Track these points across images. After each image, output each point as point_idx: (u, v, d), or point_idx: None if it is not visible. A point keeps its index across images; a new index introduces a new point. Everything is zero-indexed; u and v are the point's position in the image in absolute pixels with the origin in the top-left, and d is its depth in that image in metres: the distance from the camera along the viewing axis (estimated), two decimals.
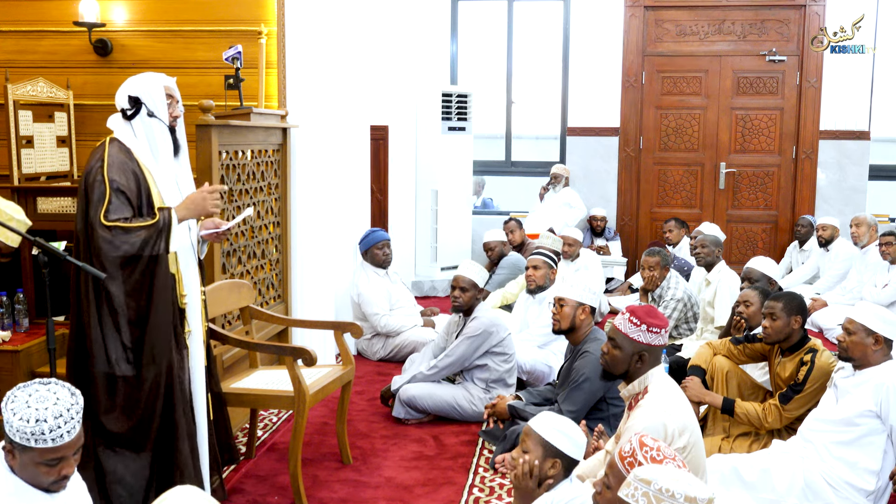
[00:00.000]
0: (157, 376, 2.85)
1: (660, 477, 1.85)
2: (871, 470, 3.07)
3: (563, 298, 3.75)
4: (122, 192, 2.78)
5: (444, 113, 7.45)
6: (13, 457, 1.97)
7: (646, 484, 1.85)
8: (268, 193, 4.71)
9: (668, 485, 1.82)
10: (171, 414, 2.90)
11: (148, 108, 2.88)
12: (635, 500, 1.85)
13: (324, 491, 3.50)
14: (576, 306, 3.73)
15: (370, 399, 4.66)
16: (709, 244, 5.31)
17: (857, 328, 3.13)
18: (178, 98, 2.99)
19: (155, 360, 2.84)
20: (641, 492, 1.85)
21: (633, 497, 1.86)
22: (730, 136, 8.00)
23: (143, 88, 2.89)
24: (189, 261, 2.96)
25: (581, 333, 3.75)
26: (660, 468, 1.89)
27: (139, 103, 2.88)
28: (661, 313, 2.83)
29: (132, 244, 2.76)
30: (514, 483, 2.45)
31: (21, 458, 1.96)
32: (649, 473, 1.87)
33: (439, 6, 8.17)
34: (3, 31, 5.40)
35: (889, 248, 5.79)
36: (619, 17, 7.89)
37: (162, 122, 2.90)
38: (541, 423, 2.46)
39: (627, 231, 8.13)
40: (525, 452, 2.44)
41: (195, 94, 4.78)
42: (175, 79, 3.03)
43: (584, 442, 2.49)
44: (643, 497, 1.84)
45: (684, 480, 1.84)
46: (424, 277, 7.48)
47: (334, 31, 5.03)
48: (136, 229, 2.76)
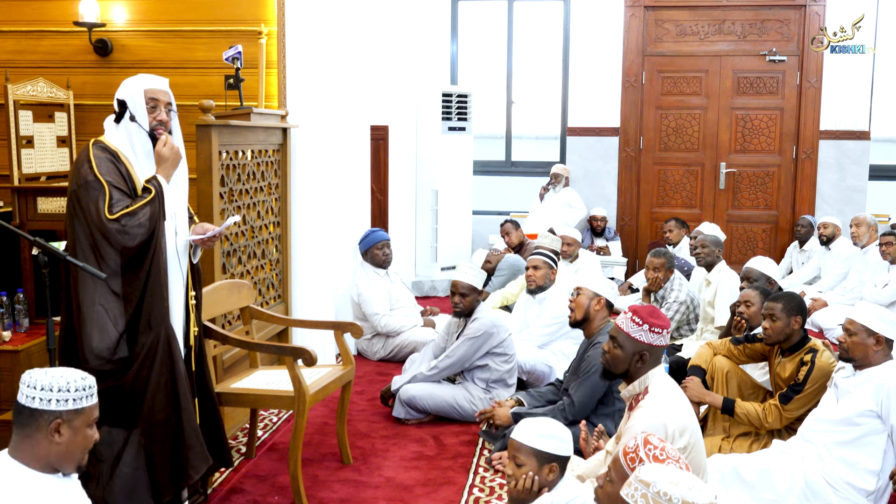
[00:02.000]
0: (154, 344, 2.83)
1: (659, 479, 1.84)
2: (871, 470, 3.07)
3: (581, 287, 3.85)
4: (117, 188, 2.80)
5: (444, 113, 7.45)
6: (60, 434, 2.01)
7: (645, 486, 1.84)
8: (268, 193, 4.71)
9: (667, 489, 1.82)
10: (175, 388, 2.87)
11: (130, 112, 2.87)
12: (634, 501, 1.85)
13: (324, 491, 3.50)
14: (591, 297, 3.80)
15: (370, 399, 4.66)
16: (709, 244, 5.31)
17: (858, 328, 3.12)
18: (166, 101, 2.92)
19: (151, 328, 2.83)
20: (640, 493, 1.85)
21: (632, 497, 1.86)
22: (730, 136, 8.00)
23: (126, 92, 2.89)
24: (172, 265, 2.93)
25: (595, 325, 3.80)
26: (662, 470, 1.88)
27: (125, 106, 2.88)
28: (664, 314, 2.83)
29: (142, 224, 2.77)
30: (514, 496, 2.44)
31: (71, 430, 2.02)
32: (650, 475, 1.86)
33: (439, 6, 8.17)
34: (3, 31, 5.40)
35: (889, 247, 5.80)
36: (619, 17, 7.90)
37: (141, 126, 2.88)
38: (525, 433, 2.44)
39: (627, 231, 8.13)
40: (520, 466, 2.42)
41: (195, 94, 4.78)
42: (167, 80, 2.98)
43: (570, 435, 2.48)
44: (642, 498, 1.84)
45: (684, 484, 1.83)
46: (424, 277, 7.48)
47: (334, 31, 5.03)
48: (140, 209, 2.78)
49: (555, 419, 2.61)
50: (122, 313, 2.82)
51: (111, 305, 2.81)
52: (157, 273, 2.83)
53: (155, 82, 2.93)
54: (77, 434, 2.04)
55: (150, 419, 2.86)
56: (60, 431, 2.02)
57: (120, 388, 2.83)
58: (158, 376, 2.85)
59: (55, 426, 2.01)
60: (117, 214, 2.75)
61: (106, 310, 2.80)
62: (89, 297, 2.79)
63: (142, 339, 2.83)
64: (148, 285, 2.82)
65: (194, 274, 3.08)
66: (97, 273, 2.64)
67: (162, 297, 2.86)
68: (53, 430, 2.01)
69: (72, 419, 2.03)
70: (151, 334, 2.83)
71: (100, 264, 2.76)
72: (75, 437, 2.04)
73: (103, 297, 2.80)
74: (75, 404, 2.02)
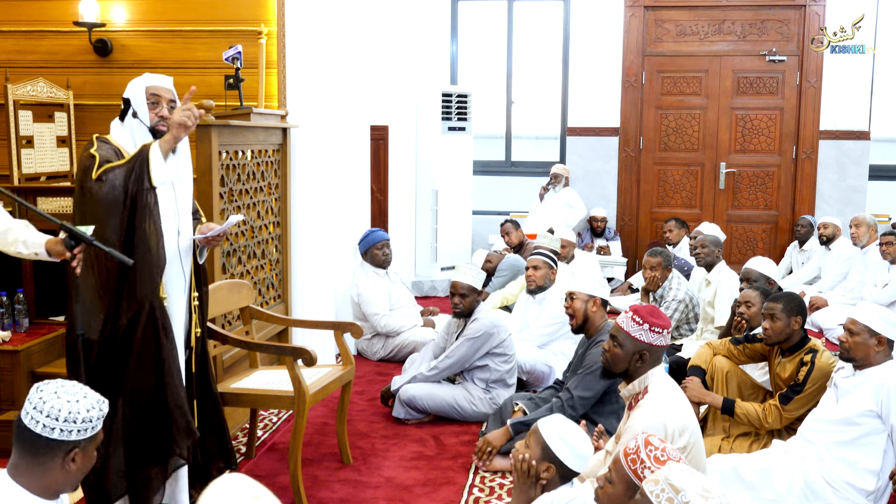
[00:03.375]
0: (138, 313, 2.77)
1: (690, 489, 1.80)
2: (871, 470, 3.07)
3: (574, 292, 3.83)
4: (110, 162, 2.77)
5: (444, 113, 7.45)
6: (75, 462, 1.93)
7: (674, 491, 1.80)
8: (268, 193, 4.71)
9: (697, 501, 1.78)
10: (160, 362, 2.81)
11: (133, 109, 2.89)
12: (658, 501, 1.82)
13: (324, 491, 3.50)
14: (586, 299, 3.80)
15: (370, 399, 4.66)
16: (709, 244, 5.31)
17: (861, 329, 3.12)
18: (169, 98, 2.93)
19: (136, 297, 2.77)
20: (667, 496, 1.81)
21: (656, 497, 1.82)
22: (730, 136, 8.00)
23: (132, 89, 2.91)
24: (174, 264, 2.90)
25: (595, 326, 3.80)
26: (694, 479, 1.84)
27: (129, 104, 2.90)
28: (664, 314, 2.83)
29: (117, 176, 2.72)
30: (514, 471, 2.45)
31: (84, 456, 1.95)
32: (682, 481, 1.82)
33: (439, 6, 8.17)
34: (3, 31, 5.40)
35: (889, 247, 5.80)
36: (619, 17, 7.90)
37: (142, 122, 2.90)
38: (548, 425, 2.42)
39: (627, 231, 8.13)
40: (527, 447, 2.44)
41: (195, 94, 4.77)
42: (172, 79, 3.00)
43: (589, 454, 2.42)
44: (667, 502, 1.80)
45: (715, 500, 1.79)
46: (424, 277, 7.48)
47: (334, 31, 5.03)
48: (120, 165, 2.75)
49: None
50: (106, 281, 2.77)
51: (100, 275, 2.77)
52: (143, 241, 2.76)
53: (158, 80, 2.95)
54: (87, 459, 1.97)
55: (134, 389, 2.81)
56: (75, 459, 1.94)
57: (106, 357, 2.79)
58: (142, 347, 2.79)
59: (73, 455, 1.93)
60: (99, 172, 2.72)
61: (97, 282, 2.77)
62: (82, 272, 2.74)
63: (125, 306, 2.77)
64: (135, 254, 2.74)
65: (199, 274, 3.06)
66: (125, 259, 2.61)
67: (150, 269, 2.79)
68: (70, 460, 1.93)
69: (87, 446, 1.95)
70: (135, 303, 2.77)
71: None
72: (86, 462, 1.97)
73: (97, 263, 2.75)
74: (93, 431, 1.95)
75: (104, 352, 2.80)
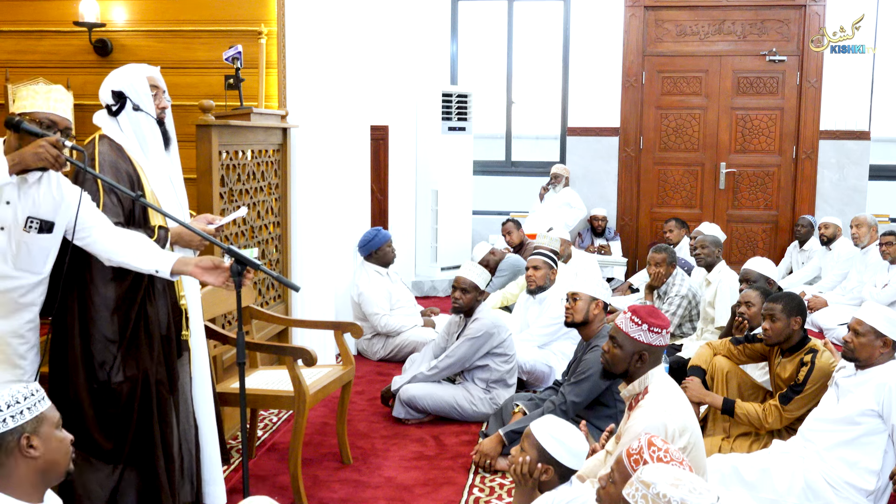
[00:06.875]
0: (134, 385, 2.74)
1: (660, 481, 1.83)
2: (871, 470, 3.07)
3: (577, 293, 3.82)
4: (113, 193, 2.71)
5: (444, 113, 7.45)
6: (34, 448, 1.91)
7: (645, 486, 1.84)
8: (268, 193, 4.71)
9: (667, 490, 1.81)
10: (149, 425, 2.78)
11: (133, 102, 2.78)
12: (634, 501, 1.85)
13: (324, 491, 3.50)
14: (589, 301, 3.80)
15: (370, 399, 4.66)
16: (709, 244, 5.31)
17: (867, 330, 3.12)
18: (163, 88, 2.87)
19: (138, 367, 2.74)
20: (641, 493, 1.84)
21: (632, 497, 1.85)
22: (730, 136, 8.00)
23: (126, 82, 2.80)
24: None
25: (594, 328, 3.80)
26: (663, 471, 1.87)
27: (123, 98, 2.78)
28: (663, 314, 2.83)
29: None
30: (514, 477, 2.46)
31: (41, 439, 1.92)
32: (651, 476, 1.85)
33: (439, 6, 8.17)
34: (3, 31, 5.39)
35: (889, 247, 5.80)
36: (619, 17, 7.90)
37: (149, 115, 2.80)
38: (541, 427, 2.44)
39: (628, 231, 8.13)
40: (523, 452, 2.44)
41: (195, 94, 4.78)
42: (158, 68, 2.93)
43: (584, 451, 2.44)
44: (642, 499, 1.83)
45: (685, 486, 1.82)
46: (424, 277, 7.48)
47: (334, 31, 5.03)
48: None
49: None
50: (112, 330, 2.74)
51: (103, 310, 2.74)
52: (145, 313, 2.75)
53: (151, 70, 2.88)
54: (50, 441, 1.94)
55: (133, 454, 2.78)
56: (33, 444, 1.91)
57: (111, 412, 2.75)
58: (141, 412, 2.76)
59: (25, 442, 1.91)
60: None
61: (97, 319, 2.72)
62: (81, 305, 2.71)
63: (125, 379, 2.74)
64: (132, 326, 2.73)
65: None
66: (292, 285, 2.64)
67: (147, 340, 2.76)
68: (26, 447, 1.91)
69: (37, 428, 1.92)
70: (132, 375, 2.74)
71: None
72: (49, 444, 1.94)
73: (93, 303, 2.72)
74: (31, 412, 1.90)
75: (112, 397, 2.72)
